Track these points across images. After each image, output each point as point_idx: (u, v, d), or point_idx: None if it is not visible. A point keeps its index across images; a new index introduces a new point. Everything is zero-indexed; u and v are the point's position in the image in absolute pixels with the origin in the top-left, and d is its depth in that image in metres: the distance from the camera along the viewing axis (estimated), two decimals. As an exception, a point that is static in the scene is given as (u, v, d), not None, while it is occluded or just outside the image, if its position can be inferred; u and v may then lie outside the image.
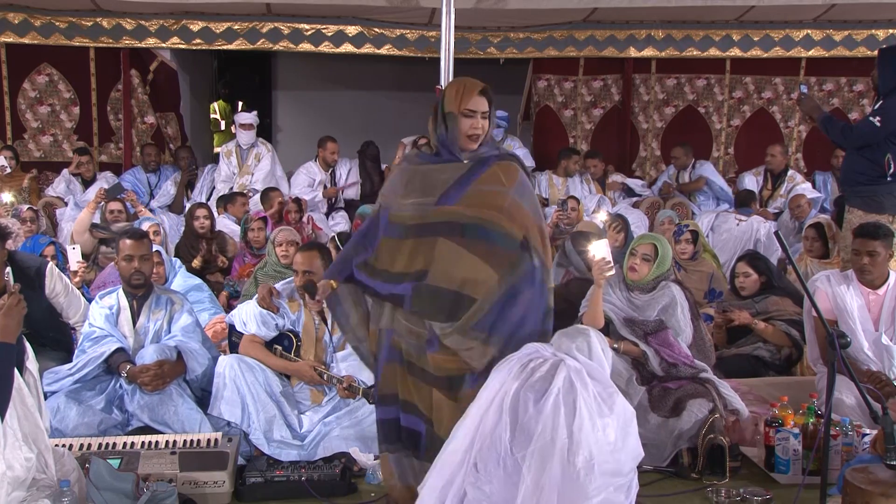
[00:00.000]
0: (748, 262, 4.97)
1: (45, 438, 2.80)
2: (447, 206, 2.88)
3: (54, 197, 7.46)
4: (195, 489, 3.24)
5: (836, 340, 2.84)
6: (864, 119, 4.74)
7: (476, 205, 2.87)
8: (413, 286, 2.87)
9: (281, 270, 5.17)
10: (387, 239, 2.96)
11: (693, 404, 3.68)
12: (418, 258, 2.89)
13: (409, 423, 2.97)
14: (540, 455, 2.47)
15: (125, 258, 4.01)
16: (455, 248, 2.85)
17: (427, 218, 2.89)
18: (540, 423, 2.49)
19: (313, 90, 10.34)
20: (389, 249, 2.95)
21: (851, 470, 2.91)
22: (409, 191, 2.95)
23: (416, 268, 2.88)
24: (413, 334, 2.93)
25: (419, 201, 2.92)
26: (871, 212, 4.64)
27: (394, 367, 2.99)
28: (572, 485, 2.44)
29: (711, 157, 8.79)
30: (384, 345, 3.00)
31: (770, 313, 4.76)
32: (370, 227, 3.05)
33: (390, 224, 2.96)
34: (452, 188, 2.90)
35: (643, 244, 4.08)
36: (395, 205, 2.97)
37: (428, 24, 7.78)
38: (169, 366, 3.85)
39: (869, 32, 8.13)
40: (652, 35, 8.24)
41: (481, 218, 2.86)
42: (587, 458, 2.45)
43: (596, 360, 2.70)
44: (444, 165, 2.95)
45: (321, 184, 7.80)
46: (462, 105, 2.90)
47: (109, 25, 7.70)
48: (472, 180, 2.90)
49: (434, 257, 2.86)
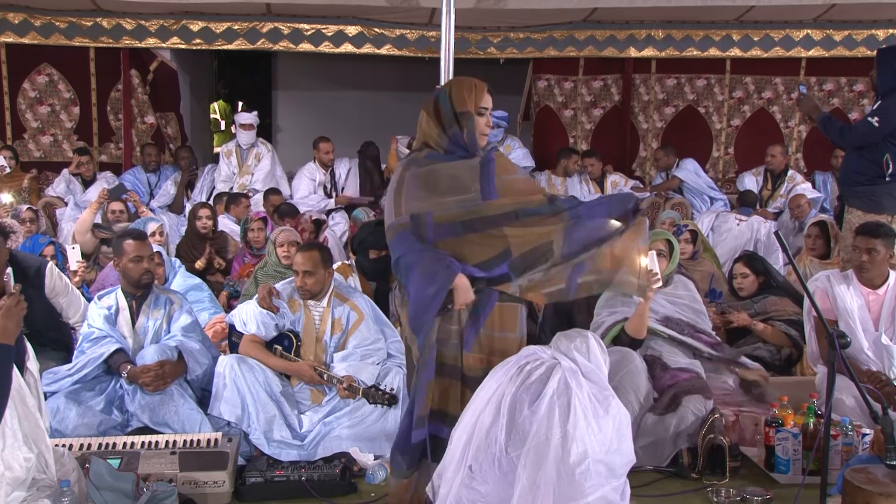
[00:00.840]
0: (746, 262, 4.97)
1: (45, 439, 2.80)
2: (495, 200, 2.91)
3: (54, 197, 7.46)
4: (195, 489, 3.24)
5: (836, 340, 2.84)
6: (863, 119, 4.75)
7: (511, 193, 2.94)
8: (507, 263, 2.90)
9: (281, 270, 5.17)
10: (448, 239, 2.90)
11: (689, 400, 3.69)
12: (495, 246, 2.90)
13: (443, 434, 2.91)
14: (535, 454, 2.48)
15: (134, 259, 4.00)
16: (520, 228, 2.91)
17: (482, 212, 2.90)
18: (535, 423, 2.51)
19: (313, 90, 10.34)
20: (454, 248, 2.90)
21: (851, 470, 2.92)
22: (441, 190, 2.92)
23: (497, 252, 2.90)
24: (452, 334, 2.90)
25: (462, 198, 2.91)
26: (871, 211, 4.65)
27: (444, 384, 2.90)
28: (568, 482, 2.45)
29: (711, 157, 8.81)
30: (428, 361, 2.91)
31: (769, 314, 4.76)
32: (416, 235, 2.91)
33: (440, 226, 2.89)
34: (482, 183, 2.93)
35: (657, 241, 4.10)
36: (436, 206, 2.91)
37: (428, 24, 7.78)
38: (170, 366, 3.85)
39: (869, 32, 8.13)
40: (652, 35, 8.25)
41: (522, 202, 2.94)
42: (582, 455, 2.47)
43: (594, 362, 2.72)
44: (457, 162, 2.95)
45: (321, 184, 7.81)
46: (477, 103, 2.96)
47: (109, 25, 7.70)
48: (493, 174, 2.94)
49: (510, 240, 2.90)
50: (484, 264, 2.90)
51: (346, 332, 4.10)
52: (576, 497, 2.44)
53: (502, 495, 2.50)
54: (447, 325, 2.91)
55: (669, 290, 4.16)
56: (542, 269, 2.90)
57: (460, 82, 3.06)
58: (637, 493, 2.62)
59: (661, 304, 4.11)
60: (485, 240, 2.91)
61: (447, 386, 2.91)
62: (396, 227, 2.93)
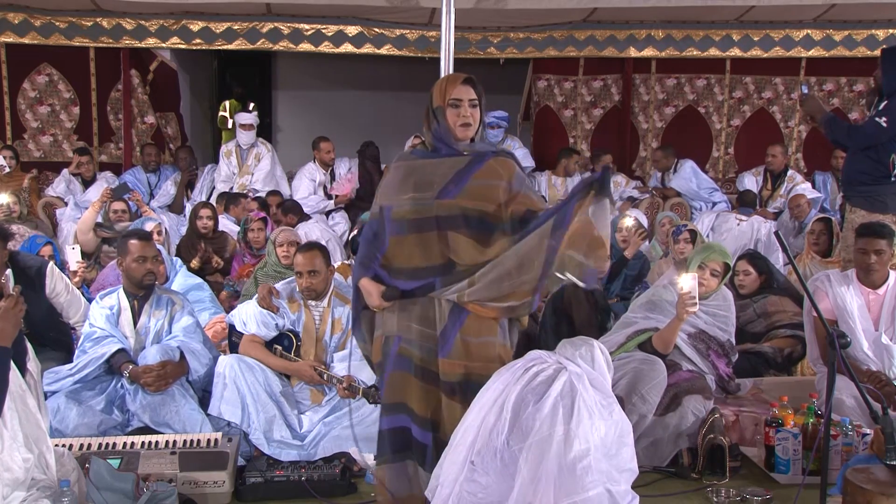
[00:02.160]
0: (748, 260, 4.97)
1: (46, 439, 2.80)
2: (447, 200, 2.89)
3: (54, 197, 7.46)
4: (195, 489, 3.25)
5: (836, 340, 2.84)
6: (870, 119, 4.67)
7: (476, 197, 2.88)
8: (442, 279, 2.88)
9: (281, 270, 5.17)
10: (394, 237, 2.96)
11: (689, 400, 3.68)
12: (435, 252, 2.90)
13: (417, 436, 2.95)
14: (537, 448, 2.50)
15: (138, 259, 4.01)
16: (467, 239, 2.88)
17: (428, 212, 2.89)
18: (538, 420, 2.53)
19: (313, 90, 10.34)
20: (400, 246, 2.95)
21: (852, 469, 2.92)
22: (407, 186, 2.95)
23: (437, 261, 2.90)
24: (427, 337, 2.93)
25: (417, 196, 2.92)
26: (875, 211, 4.62)
27: (403, 376, 2.96)
28: (569, 476, 2.47)
29: (711, 157, 8.81)
30: (391, 353, 2.98)
31: (770, 316, 4.75)
32: (378, 227, 3.04)
33: (393, 221, 2.96)
34: (451, 182, 2.90)
35: (715, 260, 4.02)
36: (395, 202, 2.96)
37: (428, 24, 7.78)
38: (172, 366, 3.85)
39: (869, 32, 8.13)
40: (652, 35, 8.24)
41: (482, 211, 2.88)
42: (584, 451, 2.48)
43: (598, 370, 2.73)
44: (442, 160, 2.96)
45: (321, 184, 7.81)
46: (447, 96, 2.93)
47: (109, 25, 7.69)
48: (471, 175, 2.91)
49: (453, 249, 2.88)
50: (421, 270, 2.91)
51: (346, 332, 4.09)
52: (577, 491, 2.46)
53: (503, 487, 2.52)
54: (411, 325, 2.93)
55: (711, 301, 4.05)
56: (468, 277, 2.84)
57: (440, 79, 3.07)
58: (637, 493, 2.61)
59: (700, 314, 3.95)
60: (424, 242, 2.90)
61: (408, 381, 2.94)
62: (371, 213, 3.11)
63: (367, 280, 3.00)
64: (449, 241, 2.88)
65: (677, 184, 8.02)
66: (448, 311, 2.89)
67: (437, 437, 2.92)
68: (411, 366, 2.94)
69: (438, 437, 2.91)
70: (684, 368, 3.90)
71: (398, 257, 2.96)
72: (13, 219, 6.40)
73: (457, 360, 2.89)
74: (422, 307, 2.93)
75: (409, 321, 2.94)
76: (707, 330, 3.99)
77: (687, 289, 3.62)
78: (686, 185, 8.00)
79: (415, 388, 2.94)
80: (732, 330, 4.11)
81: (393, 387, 2.98)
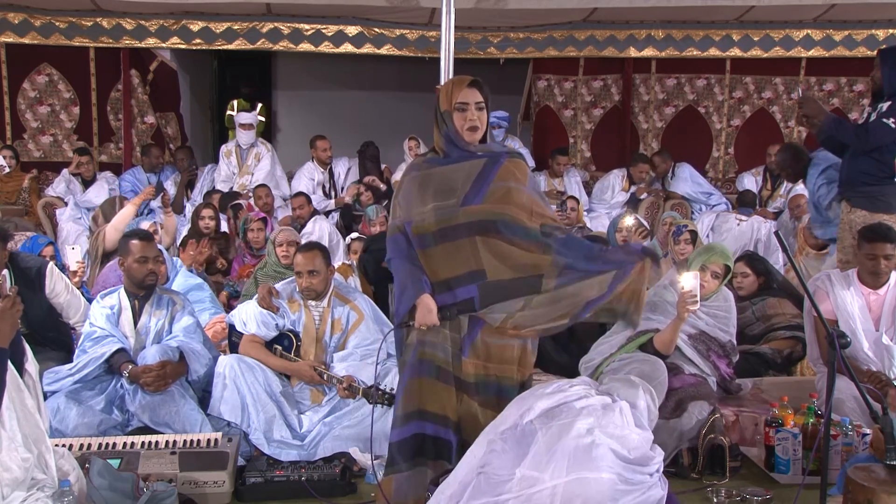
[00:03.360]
0: (747, 262, 4.97)
1: (45, 439, 2.80)
2: (474, 206, 2.89)
3: (54, 197, 7.46)
4: (195, 489, 3.24)
5: (836, 340, 2.84)
6: (877, 120, 4.56)
7: (502, 201, 2.90)
8: (478, 286, 2.89)
9: (281, 270, 5.17)
10: (420, 251, 2.93)
11: (695, 406, 3.67)
12: (466, 260, 2.89)
13: (438, 433, 2.95)
14: (558, 429, 2.58)
15: (139, 260, 4.01)
16: (499, 243, 2.89)
17: (455, 220, 2.89)
18: (566, 413, 2.63)
19: (313, 90, 10.33)
20: (427, 260, 2.93)
21: (854, 468, 2.91)
22: (426, 196, 2.93)
23: (468, 269, 2.90)
24: (454, 342, 2.94)
25: (440, 205, 2.90)
26: (878, 212, 4.59)
27: (420, 382, 2.95)
28: (584, 455, 2.54)
29: (711, 157, 8.81)
30: (409, 361, 2.97)
31: (769, 318, 4.75)
32: (406, 244, 2.96)
33: (415, 237, 2.93)
34: (473, 187, 2.91)
35: (716, 262, 4.00)
36: (416, 215, 2.93)
37: (428, 24, 7.78)
38: (171, 366, 3.84)
39: (869, 32, 8.13)
40: (652, 35, 8.25)
41: (510, 215, 2.90)
42: (605, 446, 2.56)
43: (638, 419, 2.80)
44: (459, 165, 2.95)
45: (320, 184, 7.81)
46: (454, 100, 2.93)
47: (109, 25, 7.70)
48: (491, 178, 2.92)
49: (483, 256, 2.89)
50: (453, 280, 2.90)
51: (345, 332, 4.10)
52: (590, 468, 2.51)
53: (518, 451, 2.58)
54: (442, 330, 2.93)
55: (712, 302, 4.03)
56: (523, 299, 2.89)
57: (446, 82, 3.08)
58: (637, 493, 2.62)
59: (700, 315, 3.95)
60: (455, 251, 2.89)
61: (427, 385, 2.94)
62: (392, 228, 3.02)
63: (430, 298, 2.89)
64: (479, 246, 2.89)
65: (676, 187, 8.03)
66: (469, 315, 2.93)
67: (460, 439, 2.94)
68: (432, 368, 2.94)
69: (462, 438, 2.93)
70: (686, 371, 3.89)
71: (426, 271, 2.93)
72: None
73: (477, 361, 2.92)
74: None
75: (442, 327, 2.93)
76: (708, 331, 3.99)
77: (688, 287, 3.62)
78: (685, 188, 8.01)
79: (437, 390, 2.94)
80: (734, 331, 4.10)
81: (410, 395, 2.96)
